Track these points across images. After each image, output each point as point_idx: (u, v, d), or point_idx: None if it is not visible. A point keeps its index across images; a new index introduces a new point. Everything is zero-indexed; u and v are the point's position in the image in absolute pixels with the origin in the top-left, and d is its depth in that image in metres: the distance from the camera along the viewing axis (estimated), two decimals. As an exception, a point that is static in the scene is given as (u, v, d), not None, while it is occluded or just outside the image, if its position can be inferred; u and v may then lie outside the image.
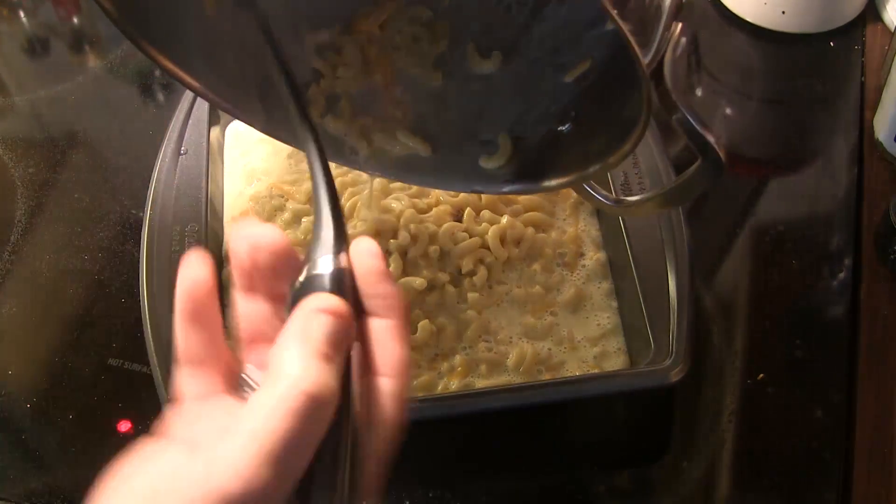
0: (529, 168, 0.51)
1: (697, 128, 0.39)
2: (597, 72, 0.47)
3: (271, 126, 0.55)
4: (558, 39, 0.47)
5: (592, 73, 0.47)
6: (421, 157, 0.52)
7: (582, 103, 0.48)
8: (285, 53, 0.47)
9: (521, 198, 0.58)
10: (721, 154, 0.39)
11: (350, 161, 0.54)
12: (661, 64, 0.39)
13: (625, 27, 0.35)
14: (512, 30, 0.48)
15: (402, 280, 0.54)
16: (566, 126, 0.49)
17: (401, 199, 0.58)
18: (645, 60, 0.37)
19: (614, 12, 0.35)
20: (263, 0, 0.45)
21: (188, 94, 0.62)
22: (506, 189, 0.52)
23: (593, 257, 0.56)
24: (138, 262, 0.54)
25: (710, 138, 0.39)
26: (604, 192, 0.50)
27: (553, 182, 0.49)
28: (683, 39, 0.40)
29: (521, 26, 0.47)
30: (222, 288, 0.56)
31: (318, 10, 0.51)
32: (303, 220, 0.58)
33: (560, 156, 0.50)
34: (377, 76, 0.52)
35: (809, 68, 0.71)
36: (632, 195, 0.56)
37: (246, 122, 0.55)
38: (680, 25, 0.40)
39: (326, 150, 0.54)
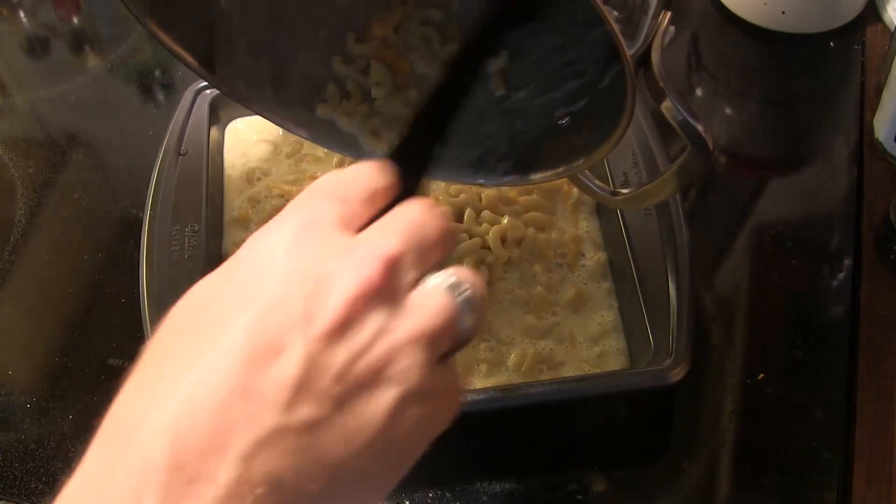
0: (528, 160, 0.51)
1: (685, 114, 0.40)
2: (597, 69, 0.47)
3: (282, 117, 0.55)
4: (561, 40, 0.47)
5: (592, 70, 0.47)
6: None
7: (580, 97, 0.48)
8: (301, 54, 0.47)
9: (522, 198, 0.58)
10: (709, 140, 0.40)
11: (359, 155, 0.55)
12: (649, 53, 0.40)
13: (608, 12, 0.35)
14: (519, 32, 0.48)
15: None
16: (565, 119, 0.49)
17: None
18: (631, 50, 0.37)
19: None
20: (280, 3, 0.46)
21: (188, 94, 0.62)
22: (506, 180, 0.52)
23: (593, 257, 0.56)
24: (138, 262, 0.54)
25: (698, 124, 0.39)
26: (599, 184, 0.50)
27: (549, 172, 0.50)
28: (672, 28, 0.41)
29: (527, 29, 0.48)
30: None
31: (333, 14, 0.52)
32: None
33: (557, 147, 0.50)
34: (399, 80, 0.52)
35: (809, 68, 0.71)
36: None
37: (258, 113, 0.55)
38: (668, 15, 0.40)
39: (337, 144, 0.54)
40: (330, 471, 0.27)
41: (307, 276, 0.28)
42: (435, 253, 0.31)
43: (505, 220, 0.57)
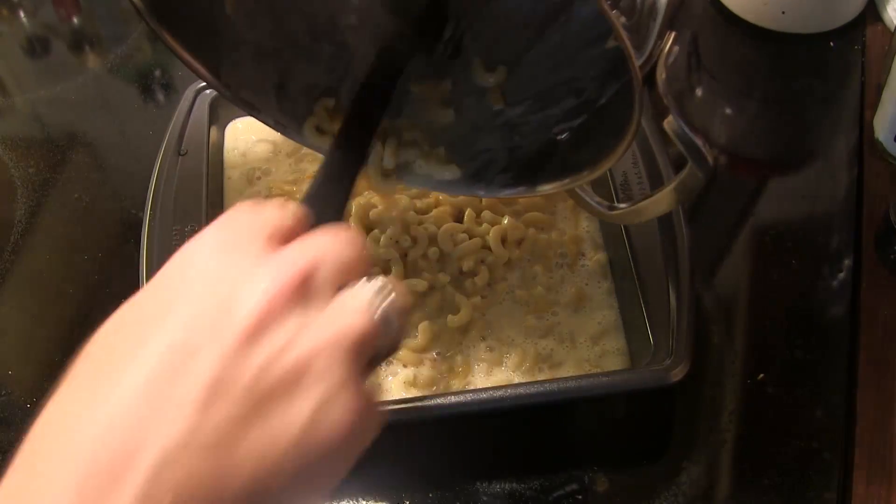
0: (527, 172, 0.51)
1: (687, 132, 0.40)
2: (594, 87, 0.47)
3: (285, 125, 0.55)
4: (558, 57, 0.48)
5: (590, 88, 0.48)
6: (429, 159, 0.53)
7: (578, 114, 0.49)
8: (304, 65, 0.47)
9: (522, 199, 0.58)
10: (710, 157, 0.40)
11: None
12: (653, 70, 0.40)
13: (623, 32, 0.36)
14: (516, 48, 0.48)
15: (403, 282, 0.54)
16: (564, 135, 0.49)
17: (400, 199, 0.58)
18: (637, 63, 0.38)
19: (613, 12, 0.35)
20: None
21: (188, 94, 0.62)
22: (504, 193, 0.52)
23: (594, 257, 0.56)
24: (138, 262, 0.54)
25: (699, 142, 0.40)
26: (597, 199, 0.51)
27: (550, 185, 0.50)
28: (676, 48, 0.41)
29: (524, 45, 0.48)
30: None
31: (335, 29, 0.52)
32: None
33: (556, 160, 0.50)
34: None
35: (809, 68, 0.71)
36: (631, 194, 0.56)
37: (262, 121, 0.55)
38: (673, 35, 0.41)
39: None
40: (250, 476, 0.27)
41: (223, 282, 0.29)
42: (354, 269, 0.31)
43: (505, 221, 0.57)
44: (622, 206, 0.49)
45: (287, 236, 0.32)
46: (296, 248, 0.31)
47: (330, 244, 0.31)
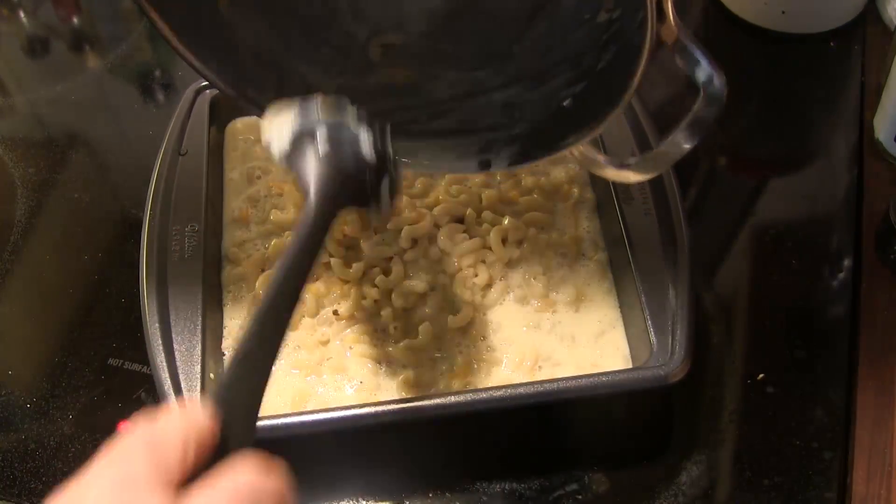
0: (534, 142, 0.50)
1: (702, 57, 0.37)
2: (591, 57, 0.47)
3: None
4: (549, 41, 0.47)
5: (587, 59, 0.47)
6: (431, 141, 0.52)
7: (578, 82, 0.48)
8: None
9: (522, 198, 0.59)
10: (722, 80, 0.38)
11: None
12: (660, 5, 0.38)
13: None
14: (506, 40, 0.48)
15: (404, 283, 0.54)
16: (567, 101, 0.49)
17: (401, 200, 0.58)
18: None
19: None
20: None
21: (188, 94, 0.62)
22: (512, 167, 0.51)
23: (594, 257, 0.56)
24: (138, 262, 0.54)
25: (712, 63, 0.37)
26: (606, 157, 0.49)
27: (557, 151, 0.48)
28: None
29: (513, 37, 0.48)
30: (221, 288, 0.56)
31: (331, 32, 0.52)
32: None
33: (563, 123, 0.49)
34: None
35: (809, 68, 0.71)
36: (630, 190, 0.55)
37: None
38: None
39: None
40: None
41: None
42: None
43: (506, 221, 0.57)
44: (633, 159, 0.47)
45: (192, 469, 0.29)
46: (203, 500, 0.28)
47: (245, 487, 0.28)
